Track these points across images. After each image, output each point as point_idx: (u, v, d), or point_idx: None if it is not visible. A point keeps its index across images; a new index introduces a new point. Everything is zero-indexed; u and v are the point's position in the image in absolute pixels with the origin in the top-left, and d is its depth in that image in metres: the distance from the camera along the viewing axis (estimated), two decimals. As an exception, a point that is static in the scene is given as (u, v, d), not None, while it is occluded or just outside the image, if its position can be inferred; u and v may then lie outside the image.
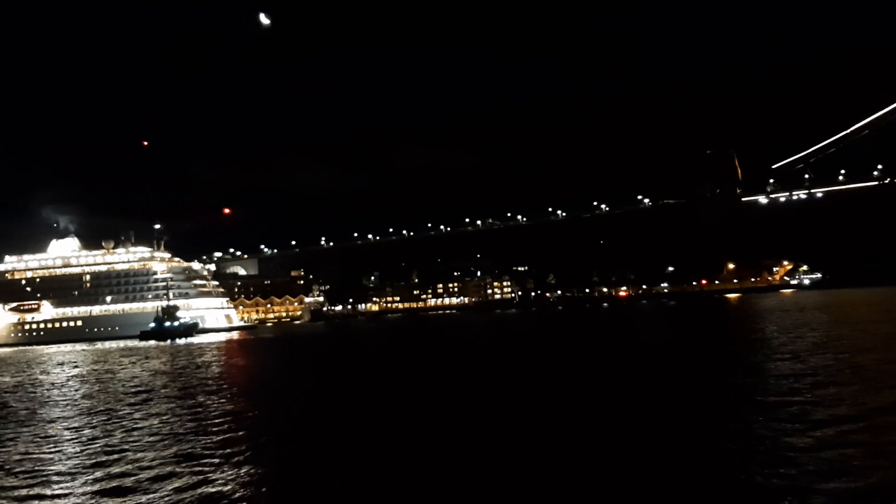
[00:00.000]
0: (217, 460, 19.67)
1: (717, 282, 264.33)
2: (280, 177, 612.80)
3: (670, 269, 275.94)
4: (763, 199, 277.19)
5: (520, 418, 23.52)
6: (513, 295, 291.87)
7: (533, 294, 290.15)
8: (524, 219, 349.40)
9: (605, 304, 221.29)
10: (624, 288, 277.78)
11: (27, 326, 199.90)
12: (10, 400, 40.05)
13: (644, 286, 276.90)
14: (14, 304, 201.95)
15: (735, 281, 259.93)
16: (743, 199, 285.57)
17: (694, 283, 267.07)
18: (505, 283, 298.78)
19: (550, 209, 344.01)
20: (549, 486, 15.21)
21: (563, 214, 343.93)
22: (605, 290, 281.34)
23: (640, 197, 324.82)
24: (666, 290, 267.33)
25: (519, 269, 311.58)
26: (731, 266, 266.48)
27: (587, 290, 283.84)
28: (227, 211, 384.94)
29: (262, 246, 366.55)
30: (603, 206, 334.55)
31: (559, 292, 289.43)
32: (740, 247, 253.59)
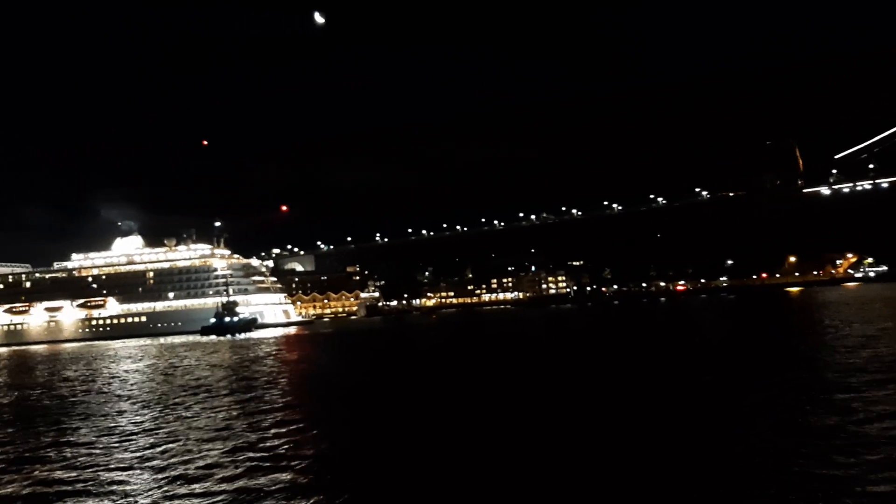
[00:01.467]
0: (270, 452, 20.19)
1: (777, 275, 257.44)
2: (335, 174, 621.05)
3: (729, 262, 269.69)
4: (826, 190, 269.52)
5: (572, 414, 23.50)
6: (568, 290, 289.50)
7: (588, 289, 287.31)
8: (579, 213, 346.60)
9: (663, 299, 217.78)
10: (682, 282, 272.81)
11: (94, 322, 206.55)
12: (79, 392, 41.62)
13: (702, 280, 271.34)
14: (81, 301, 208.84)
15: (797, 274, 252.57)
16: (805, 190, 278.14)
17: (754, 276, 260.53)
18: (560, 278, 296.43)
19: (606, 203, 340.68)
20: (602, 480, 15.26)
21: (619, 208, 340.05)
22: (662, 284, 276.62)
23: (697, 189, 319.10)
24: (725, 284, 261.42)
25: (574, 263, 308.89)
26: (792, 259, 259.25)
27: (644, 285, 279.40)
28: (284, 208, 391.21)
29: (319, 242, 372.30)
30: (660, 199, 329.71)
31: (615, 287, 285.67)
32: (802, 239, 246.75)
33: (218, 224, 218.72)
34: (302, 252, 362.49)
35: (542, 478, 15.74)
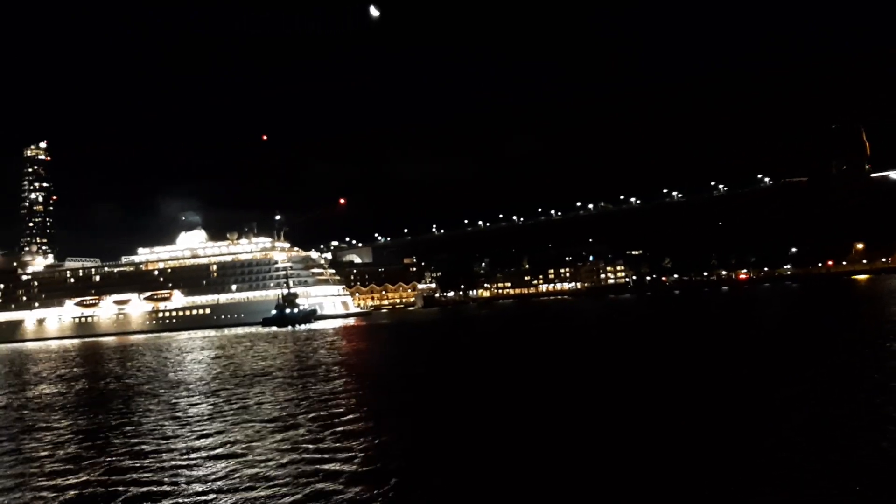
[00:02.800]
0: (327, 438, 20.73)
1: (844, 263, 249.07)
2: (392, 168, 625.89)
3: (793, 250, 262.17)
4: (894, 175, 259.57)
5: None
6: (627, 280, 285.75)
7: (648, 278, 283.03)
8: (637, 201, 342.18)
9: (725, 288, 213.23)
10: (744, 271, 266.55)
11: (160, 314, 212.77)
12: (150, 380, 43.16)
13: (766, 269, 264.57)
14: (148, 294, 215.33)
15: (864, 262, 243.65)
16: (872, 175, 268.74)
17: (819, 264, 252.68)
18: (618, 268, 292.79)
19: (665, 191, 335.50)
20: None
21: (679, 196, 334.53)
22: (723, 273, 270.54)
23: (760, 176, 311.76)
24: (789, 273, 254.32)
25: (633, 253, 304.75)
26: (859, 246, 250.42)
27: (705, 274, 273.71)
28: (342, 201, 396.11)
29: (376, 235, 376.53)
30: (721, 186, 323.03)
31: (675, 276, 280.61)
32: (870, 225, 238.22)
33: (278, 218, 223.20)
34: (360, 244, 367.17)
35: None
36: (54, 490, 17.31)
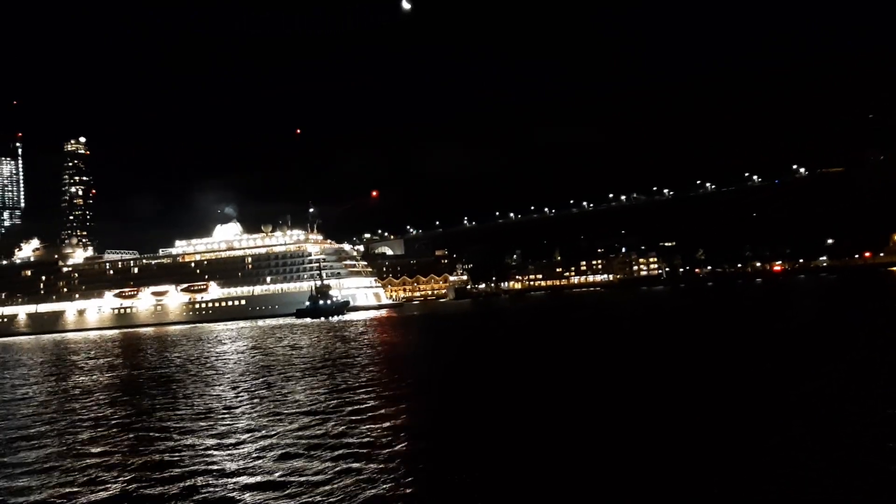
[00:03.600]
0: (359, 427, 21.80)
1: (882, 254, 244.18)
2: (424, 160, 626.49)
3: (829, 241, 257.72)
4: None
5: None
6: (660, 271, 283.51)
7: (681, 270, 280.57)
8: (670, 192, 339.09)
9: (759, 280, 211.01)
10: (779, 262, 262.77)
11: (197, 305, 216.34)
12: (191, 368, 44.75)
13: (801, 260, 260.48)
14: (185, 286, 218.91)
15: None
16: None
17: (856, 255, 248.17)
18: (651, 260, 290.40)
19: (698, 182, 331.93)
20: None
21: (713, 187, 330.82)
22: (758, 264, 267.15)
23: (795, 166, 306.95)
24: (825, 264, 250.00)
25: (665, 244, 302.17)
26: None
27: (739, 266, 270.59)
28: (374, 194, 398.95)
29: (408, 227, 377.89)
30: (755, 177, 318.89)
31: (709, 268, 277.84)
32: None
33: (311, 210, 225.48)
34: (392, 236, 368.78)
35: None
36: (96, 473, 18.59)
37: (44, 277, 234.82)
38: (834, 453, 15.29)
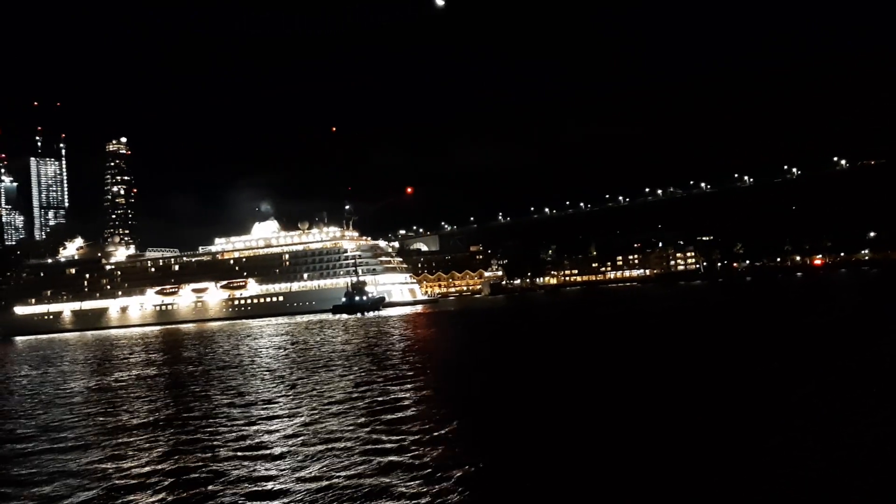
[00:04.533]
0: (396, 418, 22.50)
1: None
2: (458, 156, 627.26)
3: (871, 234, 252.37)
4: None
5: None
6: (697, 266, 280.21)
7: (719, 265, 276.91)
8: (707, 186, 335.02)
9: (799, 274, 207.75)
10: (819, 256, 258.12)
11: (236, 302, 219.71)
12: (231, 362, 45.97)
13: (842, 254, 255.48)
14: (224, 282, 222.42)
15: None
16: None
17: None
18: (688, 254, 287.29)
19: (736, 175, 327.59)
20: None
21: (751, 180, 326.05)
22: (797, 258, 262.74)
23: (835, 158, 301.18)
24: (867, 258, 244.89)
25: (703, 238, 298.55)
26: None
27: (778, 260, 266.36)
28: (409, 190, 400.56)
29: (443, 223, 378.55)
30: (794, 169, 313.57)
31: (747, 262, 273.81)
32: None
33: (347, 207, 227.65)
34: (427, 232, 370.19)
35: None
36: (140, 462, 19.55)
37: (87, 275, 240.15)
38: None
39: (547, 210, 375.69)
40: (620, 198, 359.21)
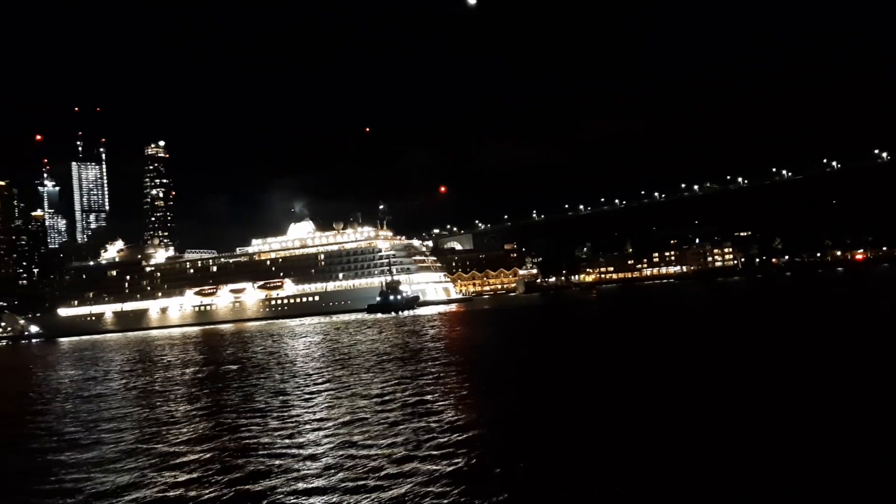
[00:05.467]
0: (433, 412, 22.70)
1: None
2: (490, 154, 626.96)
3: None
4: None
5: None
6: (735, 262, 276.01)
7: (757, 260, 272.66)
8: (745, 181, 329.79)
9: (840, 269, 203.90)
10: (861, 251, 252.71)
11: (273, 302, 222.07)
12: (270, 362, 46.63)
13: (884, 248, 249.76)
14: (261, 283, 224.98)
15: None
16: None
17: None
18: (726, 250, 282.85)
19: (773, 169, 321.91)
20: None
21: (789, 174, 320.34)
22: (838, 253, 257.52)
23: (876, 151, 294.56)
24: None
25: (741, 234, 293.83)
26: None
27: (818, 255, 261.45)
28: (442, 189, 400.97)
29: (477, 221, 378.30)
30: (834, 162, 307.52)
31: (786, 257, 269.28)
32: None
33: (381, 207, 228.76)
34: (461, 231, 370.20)
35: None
36: (185, 455, 20.00)
37: (128, 277, 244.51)
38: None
39: (581, 207, 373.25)
40: (656, 194, 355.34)
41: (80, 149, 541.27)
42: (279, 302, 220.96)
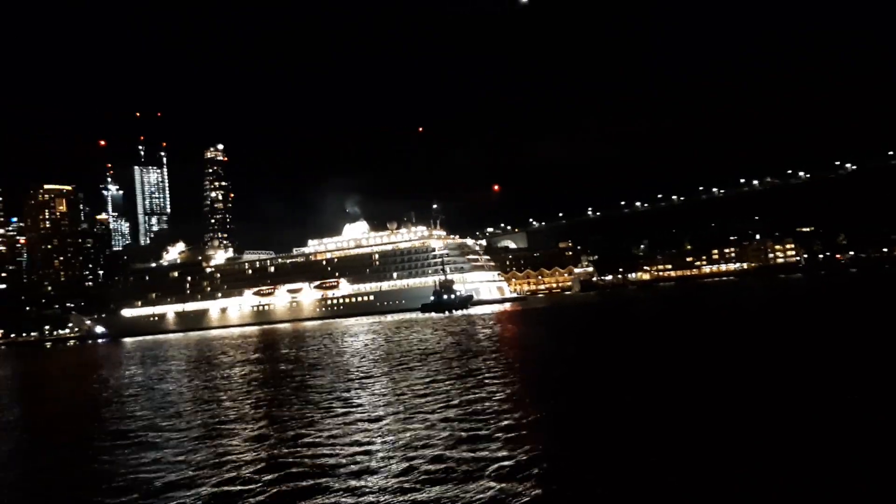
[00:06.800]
0: (488, 411, 22.56)
1: None
2: (543, 152, 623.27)
3: None
4: None
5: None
6: (797, 258, 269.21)
7: (820, 256, 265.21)
8: (806, 175, 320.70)
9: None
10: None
11: (328, 301, 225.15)
12: (328, 361, 47.15)
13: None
14: (318, 283, 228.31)
15: None
16: None
17: None
18: (788, 246, 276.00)
19: (837, 162, 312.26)
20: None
21: (853, 167, 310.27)
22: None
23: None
24: None
25: (803, 229, 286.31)
26: None
27: (885, 250, 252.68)
28: (496, 188, 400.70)
29: (530, 219, 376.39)
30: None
31: (851, 253, 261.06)
32: None
33: (435, 206, 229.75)
34: (515, 229, 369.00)
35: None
36: (245, 451, 20.26)
37: (189, 278, 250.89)
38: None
39: (638, 204, 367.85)
40: (715, 189, 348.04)
41: (142, 153, 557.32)
42: (334, 301, 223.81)
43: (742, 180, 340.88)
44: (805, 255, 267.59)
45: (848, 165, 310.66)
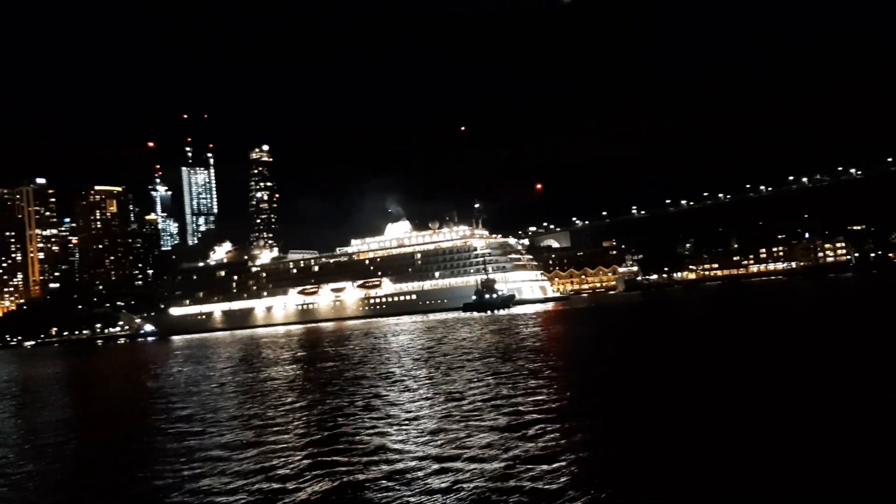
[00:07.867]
0: (526, 410, 22.64)
1: None
2: (585, 149, 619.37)
3: None
4: None
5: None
6: (848, 257, 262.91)
7: (872, 255, 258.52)
8: (858, 172, 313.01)
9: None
10: None
11: (371, 301, 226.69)
12: (372, 360, 47.65)
13: None
14: (360, 282, 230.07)
15: None
16: None
17: None
18: (838, 245, 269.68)
19: (889, 159, 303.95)
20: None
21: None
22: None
23: None
24: None
25: (854, 228, 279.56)
26: None
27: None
28: (538, 187, 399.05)
29: (574, 218, 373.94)
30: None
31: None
32: None
33: (476, 206, 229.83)
34: (557, 228, 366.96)
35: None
36: (293, 448, 20.64)
37: (235, 277, 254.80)
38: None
39: (683, 202, 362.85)
40: (762, 187, 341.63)
41: (189, 154, 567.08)
42: (377, 301, 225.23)
43: (791, 178, 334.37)
44: (856, 254, 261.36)
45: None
